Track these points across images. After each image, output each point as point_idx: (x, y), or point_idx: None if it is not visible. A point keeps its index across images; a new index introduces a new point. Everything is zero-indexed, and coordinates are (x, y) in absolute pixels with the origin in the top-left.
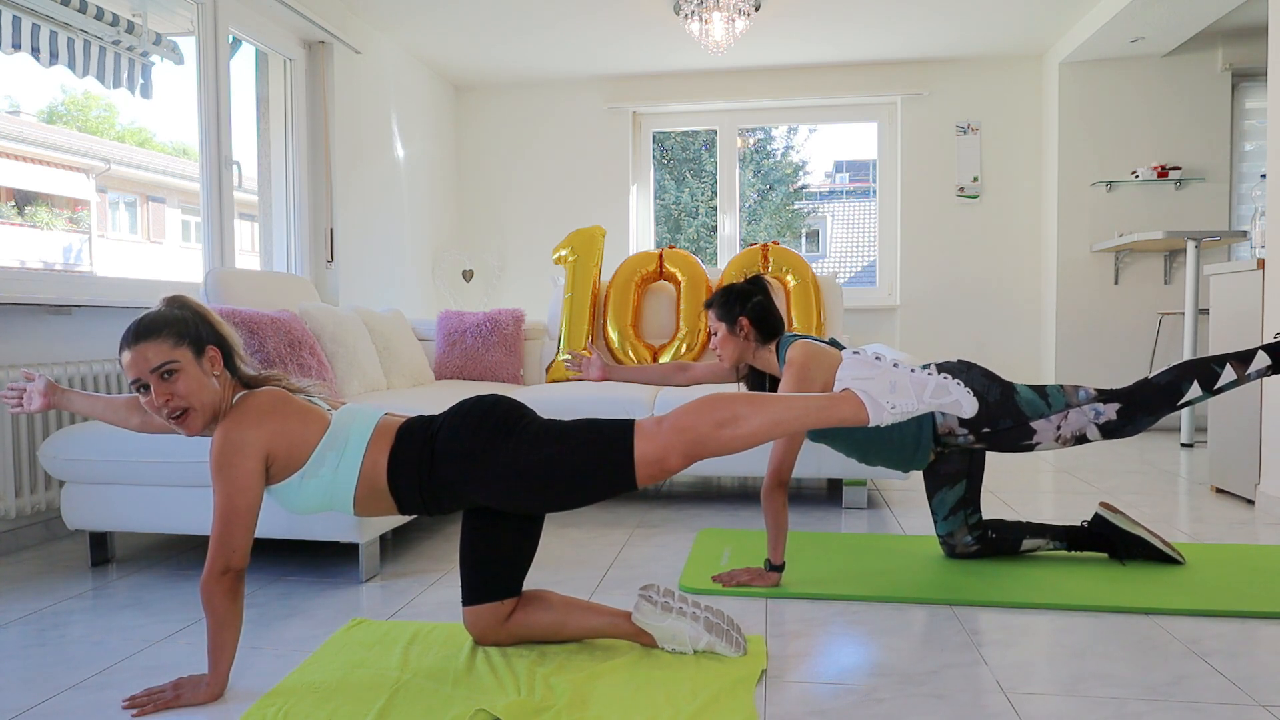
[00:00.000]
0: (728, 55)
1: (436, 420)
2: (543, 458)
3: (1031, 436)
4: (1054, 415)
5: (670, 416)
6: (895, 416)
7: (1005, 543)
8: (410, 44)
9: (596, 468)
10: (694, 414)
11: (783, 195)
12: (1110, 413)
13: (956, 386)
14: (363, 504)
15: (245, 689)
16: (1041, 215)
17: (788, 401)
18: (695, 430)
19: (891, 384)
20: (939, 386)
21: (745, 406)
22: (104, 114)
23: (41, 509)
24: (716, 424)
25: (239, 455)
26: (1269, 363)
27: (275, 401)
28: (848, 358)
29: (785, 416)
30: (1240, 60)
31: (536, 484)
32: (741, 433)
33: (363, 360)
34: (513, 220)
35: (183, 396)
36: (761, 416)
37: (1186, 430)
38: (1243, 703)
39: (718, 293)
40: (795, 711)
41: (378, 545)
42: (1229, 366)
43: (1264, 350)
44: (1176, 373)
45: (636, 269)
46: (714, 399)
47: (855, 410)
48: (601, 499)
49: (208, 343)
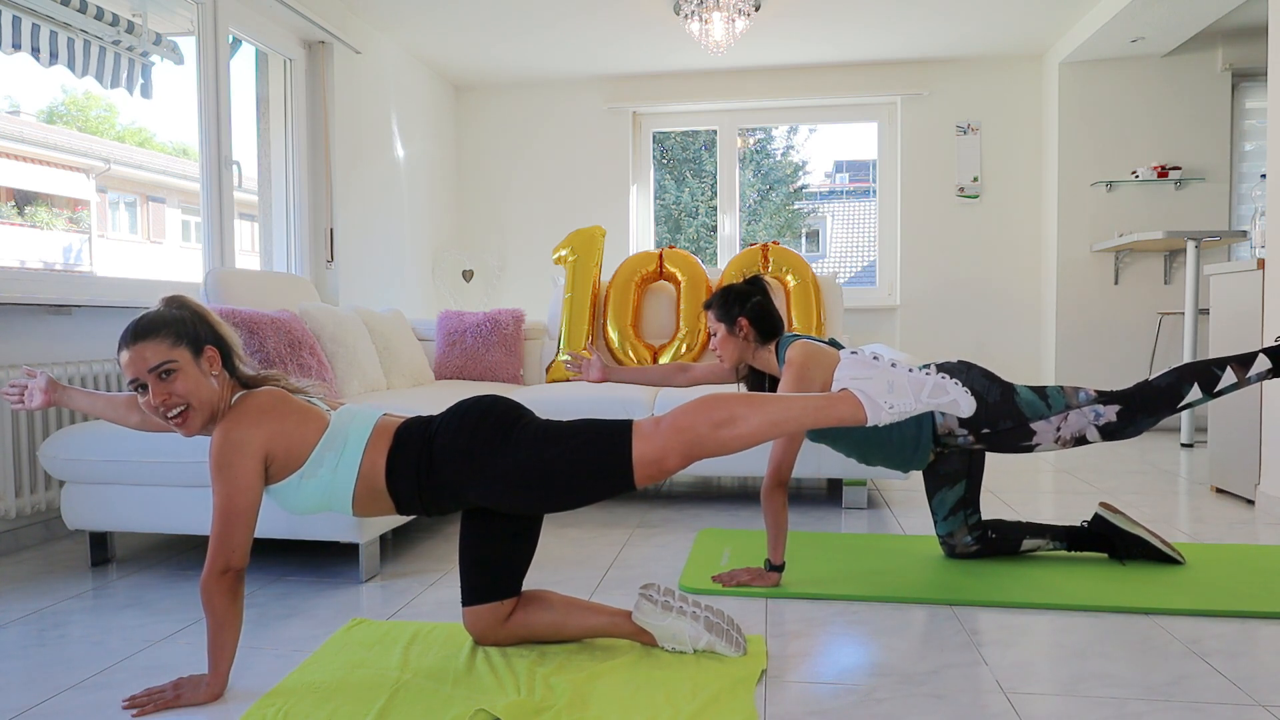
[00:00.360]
0: (728, 55)
1: (435, 421)
2: (541, 458)
3: (1031, 438)
4: (1054, 417)
5: (668, 417)
6: (893, 416)
7: (1005, 543)
8: (410, 44)
9: (595, 468)
10: (692, 414)
11: (783, 195)
12: (1110, 414)
13: (954, 386)
14: (361, 504)
15: (245, 689)
16: (1041, 215)
17: (786, 402)
18: (693, 430)
19: (889, 384)
20: (937, 386)
21: (743, 407)
22: (104, 114)
23: (41, 509)
24: (714, 424)
25: (238, 455)
26: (1269, 366)
27: (274, 401)
28: (845, 357)
29: (783, 416)
30: (1240, 60)
31: (535, 485)
32: (740, 433)
33: (363, 360)
34: (513, 220)
35: (181, 396)
36: (759, 417)
37: (1186, 430)
38: (1243, 703)
39: (716, 294)
40: (795, 711)
41: (378, 545)
42: (1229, 369)
43: (1264, 353)
44: (1177, 375)
45: (636, 269)
46: (712, 399)
47: (853, 410)
48: (600, 499)
49: (206, 342)
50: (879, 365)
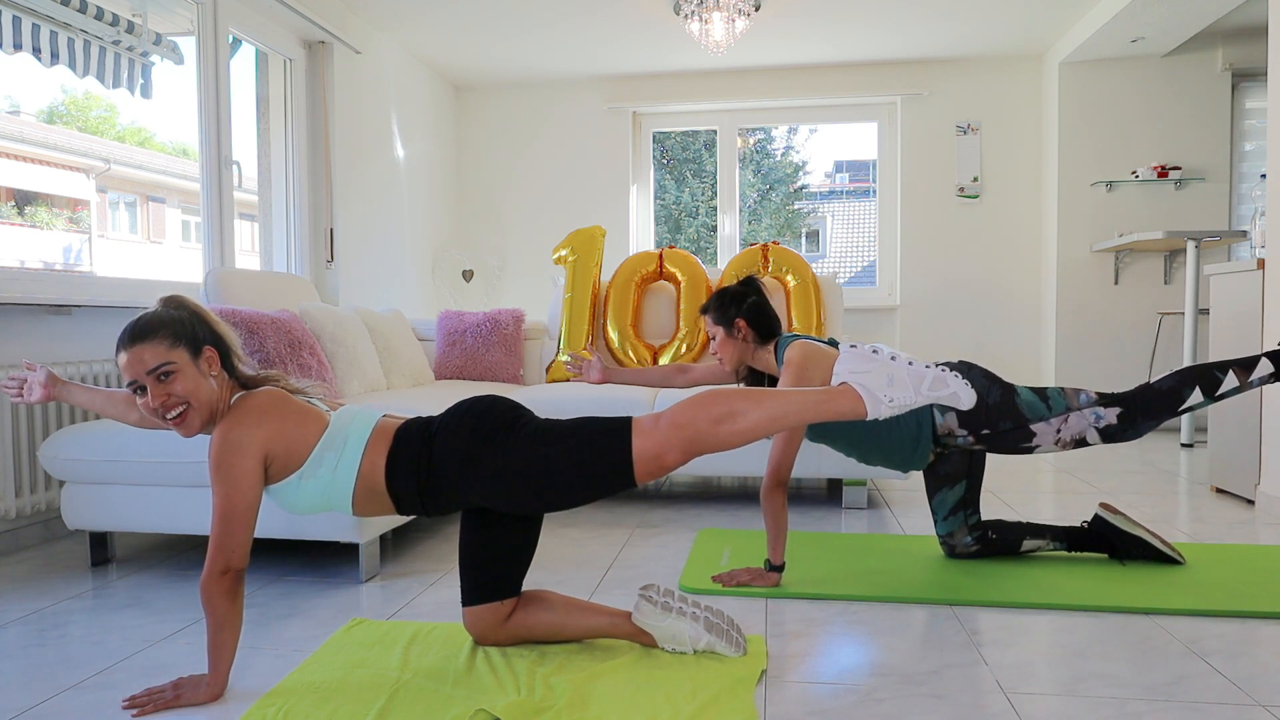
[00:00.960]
0: (728, 55)
1: (434, 422)
2: (541, 458)
3: (1031, 439)
4: (1054, 418)
5: (668, 413)
6: (893, 410)
7: (1005, 543)
8: (410, 44)
9: (595, 466)
10: (691, 410)
11: (783, 195)
12: (1111, 417)
13: (954, 379)
14: (361, 504)
15: (245, 689)
16: (1041, 215)
17: (785, 396)
18: (693, 426)
19: (889, 377)
20: (937, 379)
21: (743, 402)
22: (105, 114)
23: (41, 509)
24: (714, 420)
25: (238, 455)
26: (1272, 370)
27: (274, 401)
28: (845, 351)
29: (783, 411)
30: (1240, 60)
31: (535, 484)
32: (740, 428)
33: (363, 360)
34: (513, 220)
35: (180, 397)
36: (759, 411)
37: (1186, 430)
38: (1243, 703)
39: (712, 297)
40: (795, 711)
41: (378, 545)
42: (1231, 373)
43: (1267, 357)
44: (1178, 378)
45: (636, 269)
46: (711, 395)
47: (853, 404)
48: (601, 497)
49: (204, 343)
50: (878, 358)
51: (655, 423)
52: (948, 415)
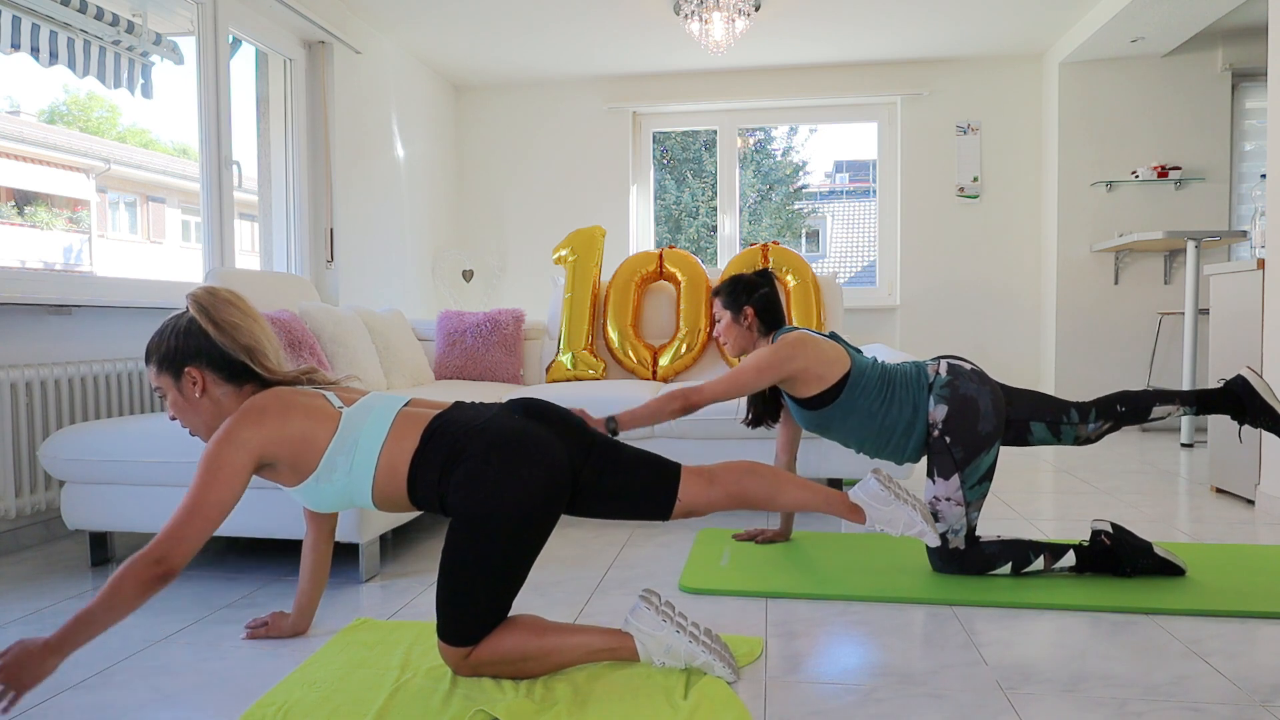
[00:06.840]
0: (728, 55)
1: (467, 445)
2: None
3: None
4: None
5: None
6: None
7: (1135, 411)
8: (410, 44)
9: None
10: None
11: (783, 195)
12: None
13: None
14: (384, 503)
15: (245, 689)
16: (1041, 215)
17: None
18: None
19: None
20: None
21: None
22: (106, 115)
23: (41, 509)
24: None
25: (230, 449)
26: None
27: (276, 402)
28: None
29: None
30: (1240, 60)
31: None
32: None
33: (363, 360)
34: (513, 220)
35: (174, 417)
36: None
37: (1186, 430)
38: (1243, 703)
39: (726, 281)
40: (795, 711)
41: (378, 545)
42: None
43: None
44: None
45: (636, 269)
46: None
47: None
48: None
49: (186, 365)
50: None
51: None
52: (938, 407)
